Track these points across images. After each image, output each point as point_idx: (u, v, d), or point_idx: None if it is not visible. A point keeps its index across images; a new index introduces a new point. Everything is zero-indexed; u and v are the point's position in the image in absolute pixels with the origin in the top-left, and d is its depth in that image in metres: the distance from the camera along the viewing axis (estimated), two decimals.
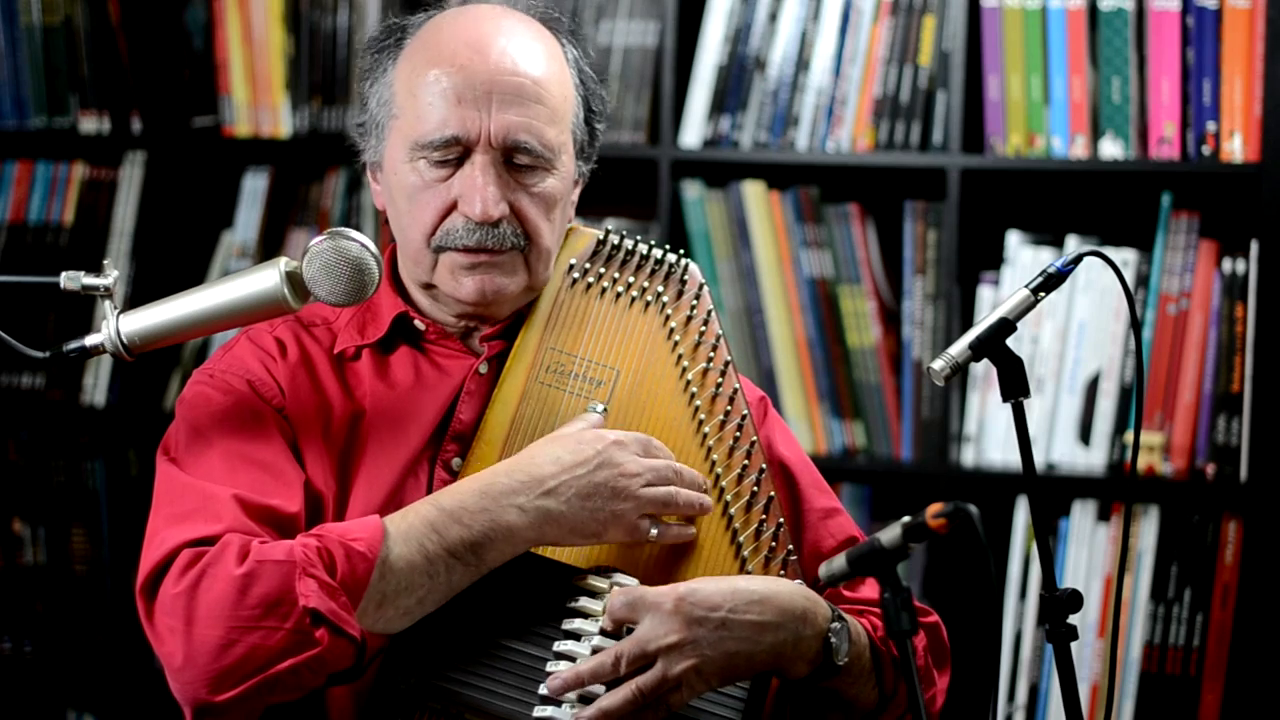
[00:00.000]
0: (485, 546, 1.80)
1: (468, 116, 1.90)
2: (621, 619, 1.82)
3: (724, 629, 1.81)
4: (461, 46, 1.93)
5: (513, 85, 1.92)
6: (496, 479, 1.83)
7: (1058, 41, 3.02)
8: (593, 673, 1.80)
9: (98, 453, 3.60)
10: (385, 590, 1.76)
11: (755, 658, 1.83)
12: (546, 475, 1.83)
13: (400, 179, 1.95)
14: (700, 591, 1.82)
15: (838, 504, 2.10)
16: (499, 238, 1.92)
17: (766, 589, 1.85)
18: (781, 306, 3.23)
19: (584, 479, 1.84)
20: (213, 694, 1.71)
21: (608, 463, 1.85)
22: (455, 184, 1.92)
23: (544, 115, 1.93)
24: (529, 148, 1.92)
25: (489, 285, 1.94)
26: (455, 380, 1.97)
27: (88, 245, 3.59)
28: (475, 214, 1.90)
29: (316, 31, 3.49)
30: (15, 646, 3.62)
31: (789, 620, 1.84)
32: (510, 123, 1.91)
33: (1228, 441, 2.96)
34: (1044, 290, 1.98)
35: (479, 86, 1.91)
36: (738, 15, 3.24)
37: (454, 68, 1.92)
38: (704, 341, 2.02)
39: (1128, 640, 2.98)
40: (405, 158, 1.94)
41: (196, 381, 1.95)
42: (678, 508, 1.89)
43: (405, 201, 1.95)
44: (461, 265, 1.93)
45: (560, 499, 1.83)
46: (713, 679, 1.82)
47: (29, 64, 3.62)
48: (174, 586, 1.73)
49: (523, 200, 1.93)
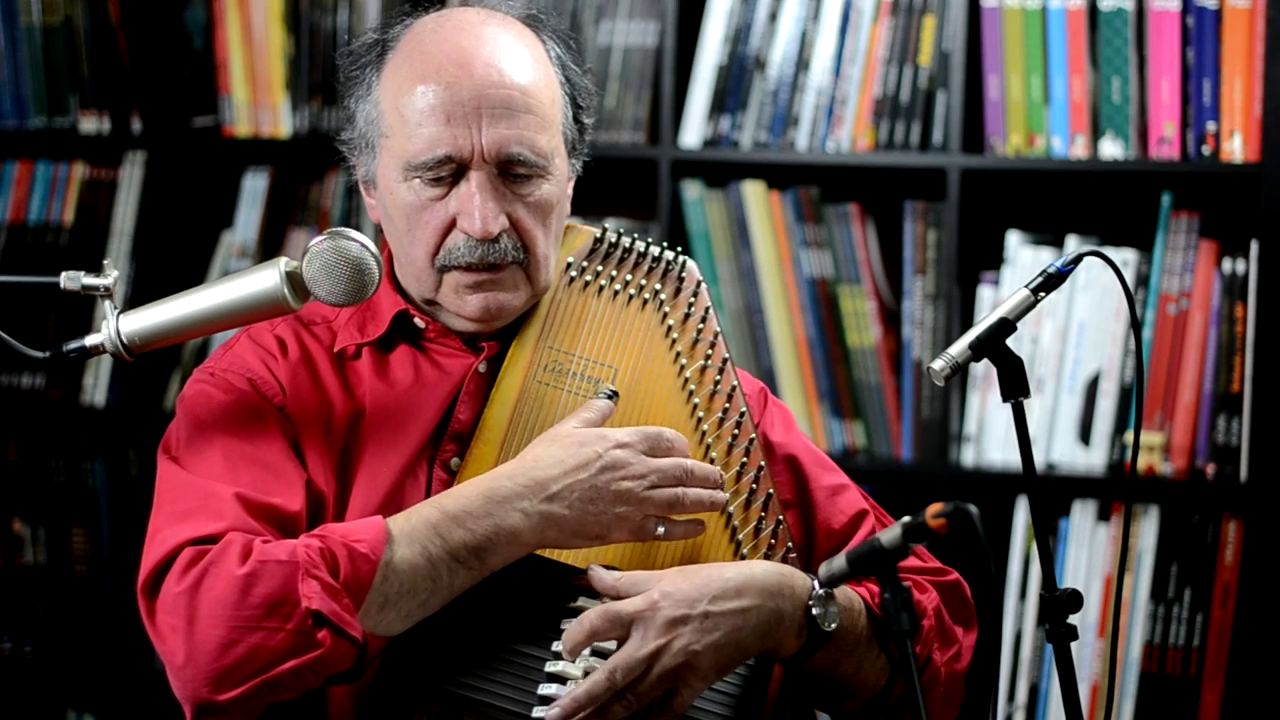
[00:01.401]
0: (488, 550, 1.79)
1: (459, 134, 1.90)
2: (603, 635, 1.81)
3: (706, 621, 1.81)
4: (445, 61, 1.92)
5: (501, 98, 1.91)
6: (500, 483, 1.82)
7: (1058, 41, 3.02)
8: (589, 695, 1.79)
9: (98, 453, 3.60)
10: (388, 593, 1.76)
11: (743, 643, 1.83)
12: (549, 479, 1.82)
13: (396, 199, 1.94)
14: (676, 591, 1.82)
15: (845, 479, 2.09)
16: (500, 252, 1.92)
17: (740, 574, 1.85)
18: (781, 306, 3.23)
19: (587, 482, 1.83)
20: (214, 693, 1.71)
21: (611, 465, 1.84)
22: (452, 201, 1.92)
23: (534, 124, 1.92)
24: (523, 159, 1.91)
25: (493, 303, 1.94)
26: (455, 379, 1.97)
27: (88, 245, 3.59)
28: (475, 231, 1.90)
29: (316, 31, 3.49)
30: (15, 646, 3.62)
31: (768, 599, 1.84)
32: (502, 137, 1.90)
33: (1228, 441, 2.96)
34: (1044, 290, 1.98)
35: (467, 103, 1.90)
36: (738, 15, 3.24)
37: (440, 85, 1.90)
38: (702, 339, 2.02)
39: (1128, 640, 2.98)
40: (399, 177, 1.93)
41: (197, 380, 1.95)
42: (685, 508, 1.88)
43: (404, 221, 1.95)
44: (465, 284, 1.93)
45: (563, 503, 1.82)
46: (709, 674, 1.82)
47: (29, 64, 3.62)
48: (176, 585, 1.73)
49: (520, 211, 1.93)
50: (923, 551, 2.06)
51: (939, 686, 1.96)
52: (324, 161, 3.47)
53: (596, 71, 3.31)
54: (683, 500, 1.87)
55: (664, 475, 1.87)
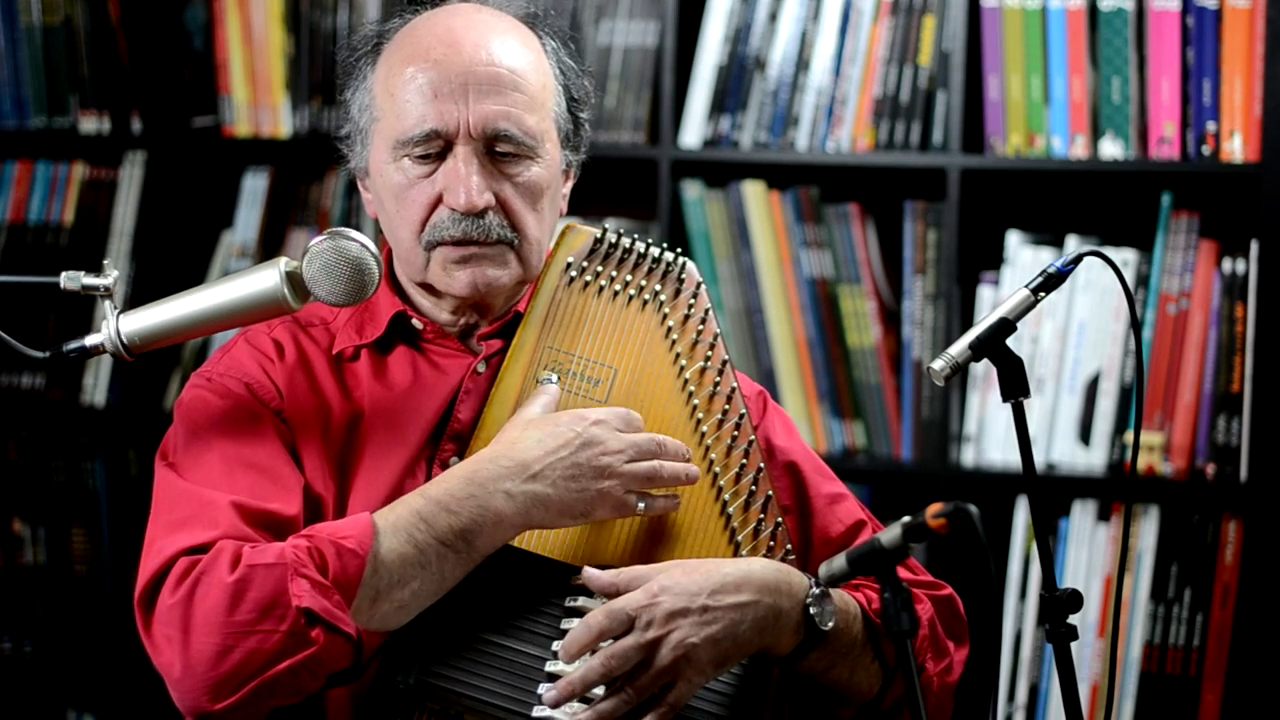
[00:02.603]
0: (474, 533, 1.80)
1: (445, 110, 1.91)
2: (609, 633, 1.81)
3: (705, 614, 1.81)
4: (436, 43, 1.94)
5: (489, 75, 1.92)
6: (481, 466, 1.83)
7: (1058, 41, 3.02)
8: (584, 680, 1.80)
9: (98, 453, 3.60)
10: (378, 585, 1.76)
11: (741, 638, 1.83)
12: (531, 459, 1.83)
13: (386, 179, 1.95)
14: (675, 585, 1.82)
15: (844, 489, 2.09)
16: (484, 229, 1.92)
17: (739, 570, 1.86)
18: (781, 306, 3.23)
19: (568, 460, 1.84)
20: (213, 702, 1.71)
21: (590, 442, 1.86)
22: (439, 178, 1.93)
23: (522, 103, 1.93)
24: (510, 135, 1.92)
25: (480, 278, 1.94)
26: (453, 380, 1.97)
27: (88, 245, 3.59)
28: (460, 204, 1.91)
29: (316, 31, 3.49)
30: (15, 646, 3.62)
31: (766, 595, 1.85)
32: (489, 112, 1.91)
33: (1228, 441, 2.96)
34: (1044, 290, 1.98)
35: (455, 79, 1.91)
36: (738, 15, 3.24)
37: (429, 63, 1.92)
38: (701, 340, 2.02)
39: (1128, 640, 2.98)
40: (389, 158, 1.94)
41: (194, 385, 1.94)
42: (663, 481, 1.90)
43: (393, 201, 1.95)
44: (452, 259, 1.94)
45: (546, 481, 1.83)
46: (707, 667, 1.82)
47: (29, 64, 3.62)
48: (170, 597, 1.74)
49: (507, 191, 1.93)
50: (915, 564, 2.07)
51: (930, 697, 1.96)
52: (324, 161, 3.47)
53: (596, 71, 3.31)
54: (660, 472, 1.89)
55: (639, 449, 1.89)
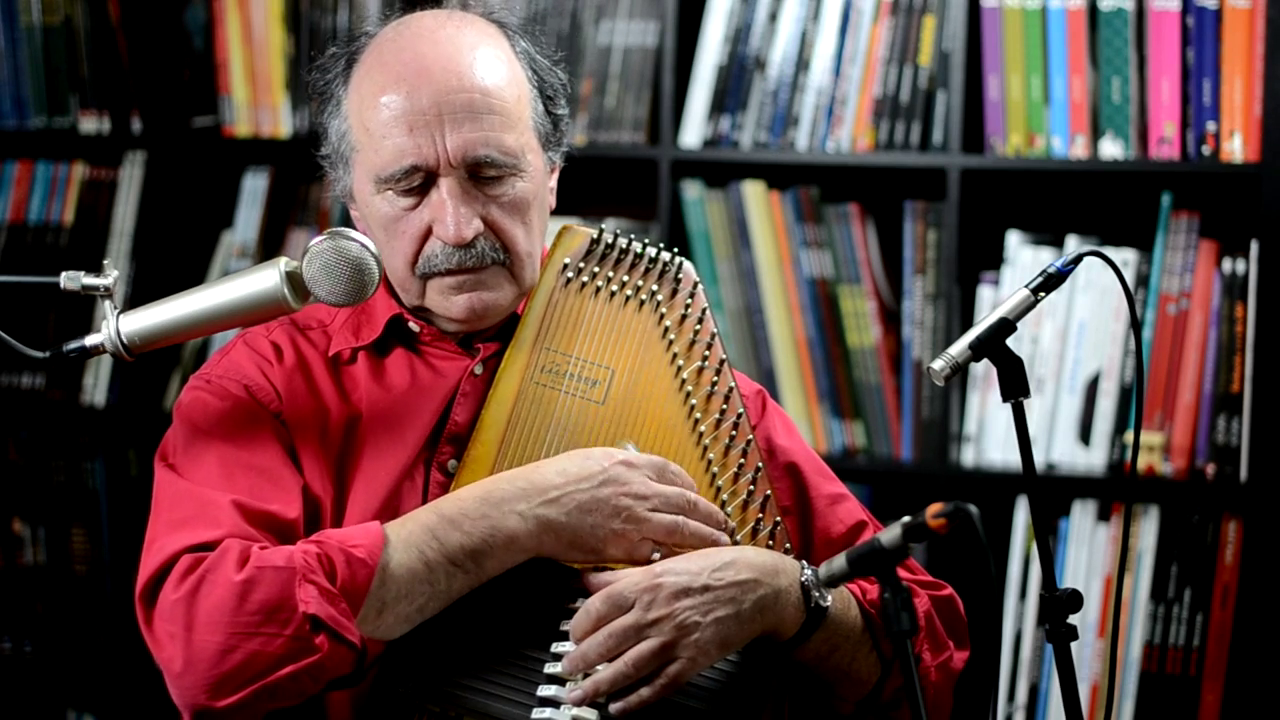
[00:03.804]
0: (485, 554, 1.79)
1: (422, 143, 1.89)
2: (608, 618, 1.81)
3: (708, 593, 1.81)
4: (403, 70, 1.91)
5: (462, 102, 1.90)
6: (498, 486, 1.83)
7: (1058, 41, 3.02)
8: (584, 658, 1.80)
9: (98, 453, 3.60)
10: (385, 597, 1.76)
11: (744, 616, 1.82)
12: (550, 485, 1.83)
13: (373, 210, 1.95)
14: (674, 569, 1.82)
15: (844, 489, 2.09)
16: (477, 256, 1.92)
17: (733, 553, 1.86)
18: (781, 306, 3.23)
19: (587, 492, 1.83)
20: (212, 700, 1.71)
21: (613, 480, 1.85)
22: (426, 210, 1.92)
23: (499, 124, 1.91)
24: (491, 160, 1.91)
25: (478, 303, 1.94)
26: (450, 382, 1.97)
27: (88, 245, 3.59)
28: (449, 238, 1.90)
29: (316, 31, 3.49)
30: (15, 646, 3.63)
31: (765, 575, 1.85)
32: (467, 140, 1.90)
33: (1228, 441, 2.96)
34: (1044, 290, 1.98)
35: (428, 110, 1.89)
36: (738, 15, 3.24)
37: (399, 95, 1.90)
38: (699, 340, 2.01)
39: (1128, 640, 2.98)
40: (373, 190, 1.94)
41: (193, 387, 1.94)
42: (685, 538, 1.87)
43: (383, 232, 1.95)
44: (449, 286, 1.94)
45: (561, 509, 1.82)
46: (710, 647, 1.81)
47: (29, 64, 3.62)
48: (173, 592, 1.73)
49: (494, 213, 1.93)
50: (914, 564, 2.07)
51: (930, 688, 1.96)
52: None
53: (596, 72, 3.31)
54: (682, 529, 1.87)
55: (667, 501, 1.87)
